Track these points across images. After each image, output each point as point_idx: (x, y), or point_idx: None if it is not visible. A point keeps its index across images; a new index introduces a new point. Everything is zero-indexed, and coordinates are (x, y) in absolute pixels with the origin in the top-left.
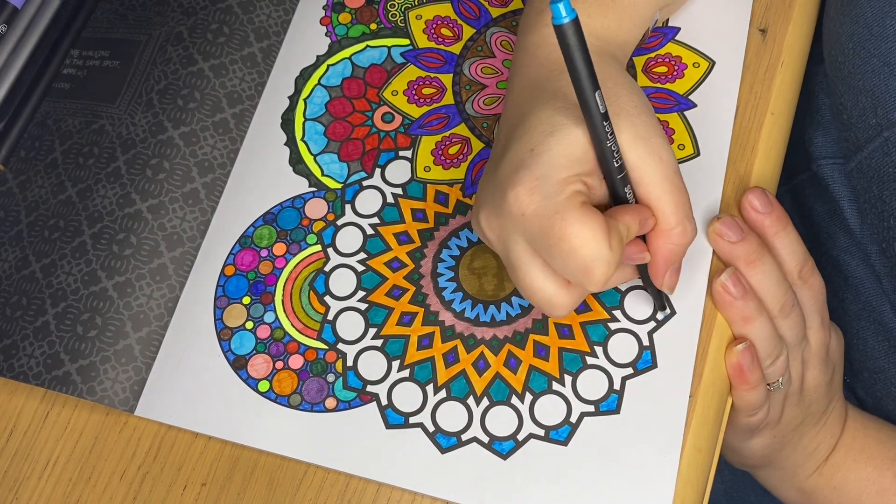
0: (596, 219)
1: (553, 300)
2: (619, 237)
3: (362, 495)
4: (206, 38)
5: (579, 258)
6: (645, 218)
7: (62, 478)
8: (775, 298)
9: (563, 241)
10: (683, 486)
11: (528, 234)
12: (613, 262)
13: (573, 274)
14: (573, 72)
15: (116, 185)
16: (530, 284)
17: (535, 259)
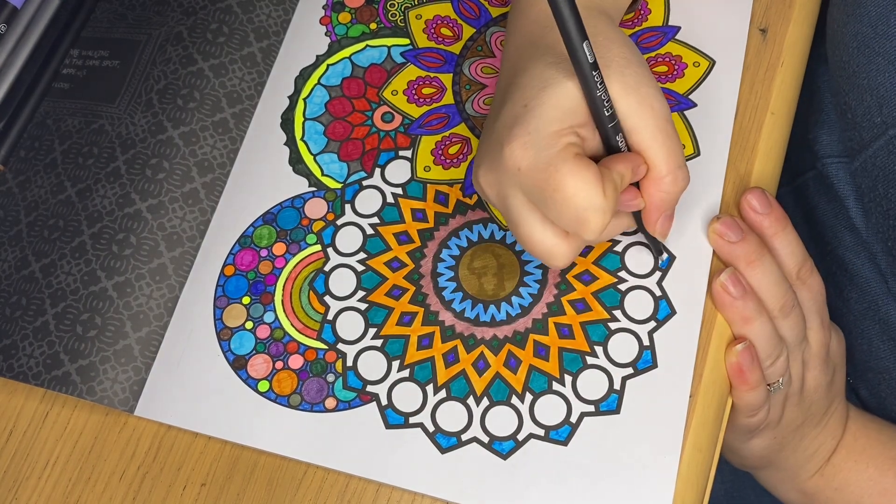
0: (589, 169)
1: (553, 250)
2: (612, 185)
3: (362, 495)
4: (205, 38)
5: (574, 208)
6: (637, 165)
7: (62, 478)
8: (775, 298)
9: (558, 192)
10: (683, 486)
11: (524, 188)
12: (608, 210)
13: (569, 224)
14: (561, 23)
15: (116, 185)
16: (530, 237)
17: (533, 212)
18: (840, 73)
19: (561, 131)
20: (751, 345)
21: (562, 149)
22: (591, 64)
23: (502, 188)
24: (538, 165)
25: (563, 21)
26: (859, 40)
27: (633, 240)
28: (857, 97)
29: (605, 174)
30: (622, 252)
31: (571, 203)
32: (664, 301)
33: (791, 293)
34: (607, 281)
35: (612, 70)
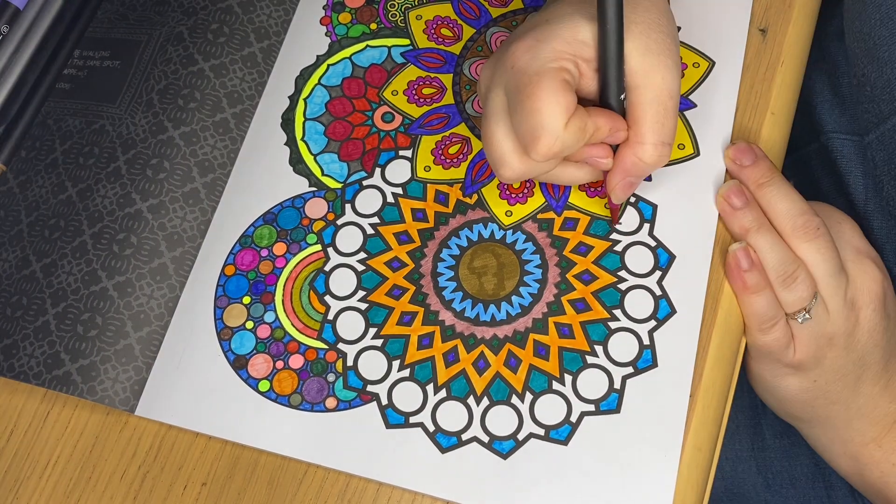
0: (566, 97)
1: (506, 158)
2: (581, 125)
3: (362, 495)
4: (206, 38)
5: (533, 121)
6: (618, 128)
7: (62, 478)
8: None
9: (528, 100)
10: (683, 485)
11: (508, 86)
12: (561, 140)
13: (525, 135)
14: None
15: (117, 185)
16: (492, 136)
17: (505, 115)
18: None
19: (565, 52)
20: (748, 247)
21: (556, 67)
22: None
23: (492, 82)
24: (528, 69)
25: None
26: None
27: (633, 240)
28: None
29: (579, 113)
30: (622, 252)
31: (534, 115)
32: (664, 300)
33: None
34: (607, 280)
35: (640, 29)
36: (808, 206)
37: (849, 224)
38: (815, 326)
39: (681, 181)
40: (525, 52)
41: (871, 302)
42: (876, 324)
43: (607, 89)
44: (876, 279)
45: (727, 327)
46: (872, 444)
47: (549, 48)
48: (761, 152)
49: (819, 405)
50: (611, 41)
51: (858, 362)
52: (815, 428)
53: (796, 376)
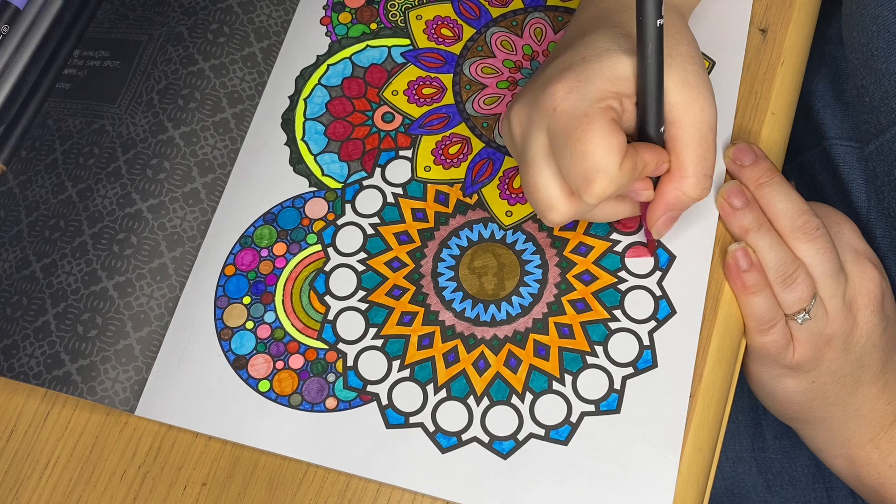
0: (618, 136)
1: (553, 203)
2: (632, 163)
3: (362, 495)
4: (206, 38)
5: (588, 164)
6: (662, 161)
7: (62, 478)
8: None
9: (580, 143)
10: (683, 485)
11: (551, 129)
12: (616, 182)
13: (577, 178)
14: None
15: (117, 185)
16: (536, 182)
17: (549, 158)
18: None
19: (608, 92)
20: (747, 247)
21: (602, 107)
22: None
23: (531, 125)
24: (575, 111)
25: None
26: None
27: (633, 240)
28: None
29: (629, 152)
30: (622, 252)
31: (588, 158)
32: (664, 301)
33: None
34: (607, 281)
35: (675, 62)
36: (807, 207)
37: (848, 225)
38: (814, 327)
39: None
40: (568, 92)
41: (869, 303)
42: (874, 325)
43: (647, 123)
44: (875, 280)
45: (727, 327)
46: (869, 445)
47: (595, 88)
48: (761, 152)
49: (817, 406)
50: (651, 75)
51: (856, 363)
52: (813, 429)
53: (795, 377)
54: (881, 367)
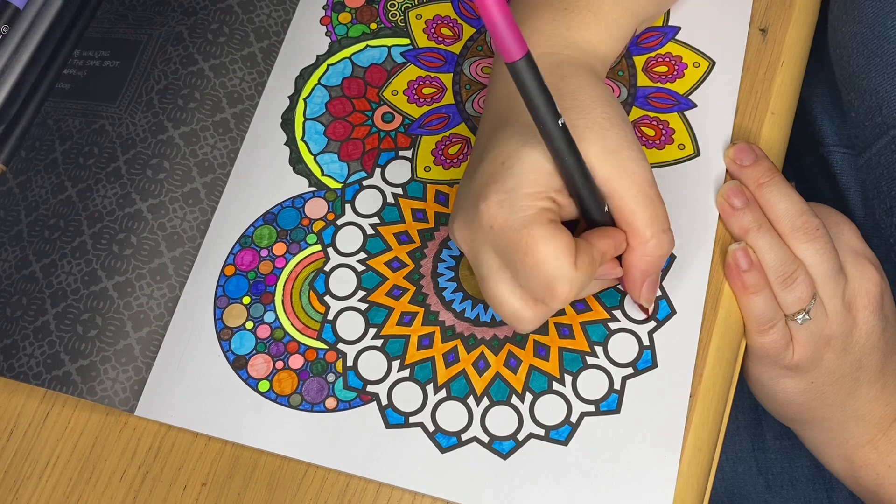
0: (562, 237)
1: (519, 314)
2: (588, 257)
3: (362, 495)
4: (206, 38)
5: (542, 275)
6: (619, 244)
7: (62, 478)
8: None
9: (528, 256)
10: (683, 486)
11: (496, 247)
12: (578, 282)
13: (537, 290)
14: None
15: (116, 185)
16: (498, 297)
17: (503, 272)
18: (841, 72)
19: (537, 194)
20: (747, 247)
21: (537, 212)
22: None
23: (475, 244)
24: (512, 226)
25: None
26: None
27: None
28: (858, 96)
29: (583, 248)
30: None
31: (541, 269)
32: (664, 301)
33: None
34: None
35: (593, 132)
36: (807, 207)
37: (848, 226)
38: (814, 327)
39: (681, 181)
40: (498, 207)
41: (868, 304)
42: (873, 326)
43: (588, 209)
44: (874, 281)
45: (727, 328)
46: (868, 446)
47: (522, 195)
48: (762, 152)
49: (815, 407)
50: (572, 170)
51: (855, 364)
52: (811, 429)
53: (794, 378)
54: (880, 368)
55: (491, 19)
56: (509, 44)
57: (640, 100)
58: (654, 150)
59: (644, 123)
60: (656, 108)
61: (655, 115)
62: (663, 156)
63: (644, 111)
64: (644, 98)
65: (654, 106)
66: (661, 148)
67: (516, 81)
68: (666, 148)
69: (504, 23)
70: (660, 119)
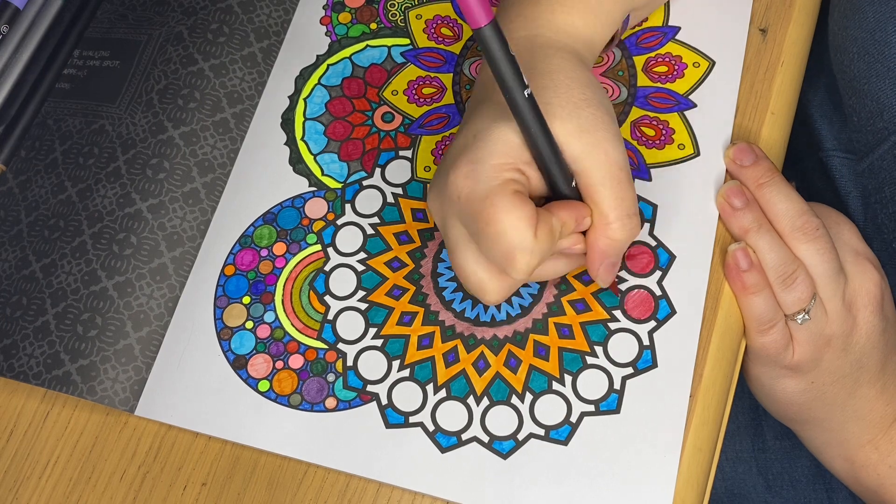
0: (524, 207)
1: (484, 285)
2: (548, 229)
3: (362, 495)
4: (206, 38)
5: (503, 244)
6: (582, 215)
7: (62, 478)
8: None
9: (490, 226)
10: (683, 486)
11: (462, 217)
12: (537, 252)
13: (498, 259)
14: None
15: (116, 185)
16: (464, 268)
17: (469, 243)
18: (842, 77)
19: (504, 165)
20: (747, 247)
21: (501, 182)
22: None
23: (445, 215)
24: (476, 196)
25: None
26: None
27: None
28: (859, 101)
29: (543, 217)
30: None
31: (501, 239)
32: (664, 301)
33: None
34: None
35: (566, 111)
36: (807, 207)
37: (848, 226)
38: (814, 327)
39: (681, 181)
40: (465, 178)
41: (869, 304)
42: (874, 326)
43: (556, 184)
44: (874, 281)
45: (727, 327)
46: (868, 446)
47: (489, 166)
48: (762, 152)
49: (815, 407)
50: (539, 141)
51: (856, 364)
52: (811, 430)
53: (794, 378)
54: (880, 368)
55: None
56: (475, 9)
57: (640, 100)
58: (654, 150)
59: (644, 123)
60: (656, 108)
61: (655, 115)
62: (663, 156)
63: (644, 111)
64: (644, 98)
65: (654, 106)
66: (661, 148)
67: (482, 48)
68: (666, 148)
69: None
70: (660, 119)
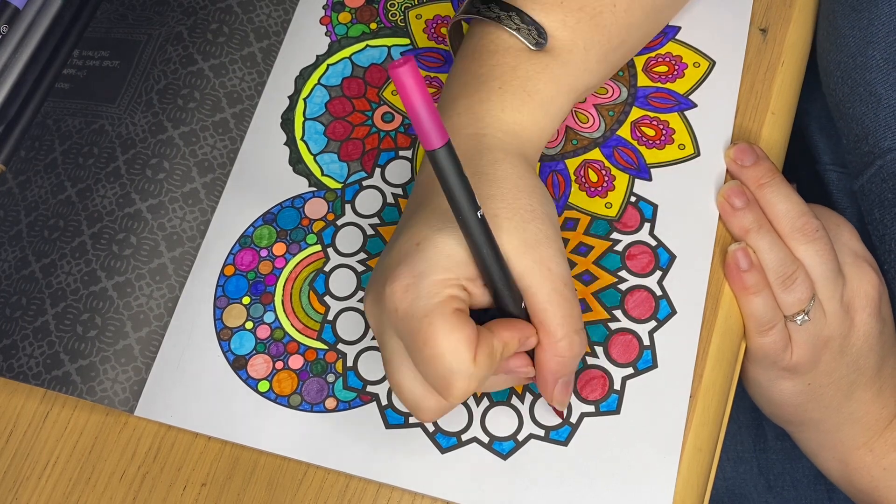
0: (464, 329)
1: (420, 403)
2: (489, 352)
3: (362, 495)
4: (205, 38)
5: (440, 367)
6: (526, 336)
7: (62, 478)
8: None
9: (427, 347)
10: (683, 486)
11: (398, 332)
12: (475, 378)
13: (433, 382)
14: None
15: (116, 185)
16: (399, 382)
17: (406, 358)
18: (830, 99)
19: (447, 281)
20: (748, 247)
21: (442, 300)
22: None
23: (381, 326)
24: (415, 313)
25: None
26: (842, 70)
27: (633, 239)
28: (846, 125)
29: (484, 339)
30: (622, 252)
31: (438, 362)
32: (665, 301)
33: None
34: (607, 281)
35: (513, 224)
36: (807, 208)
37: (847, 228)
38: (813, 328)
39: (681, 181)
40: (404, 292)
41: (866, 306)
42: (871, 328)
43: (504, 303)
44: (872, 283)
45: (727, 328)
46: (863, 449)
47: (430, 282)
48: (762, 153)
49: (811, 408)
50: (490, 263)
51: (852, 366)
52: (807, 431)
53: (791, 379)
54: (876, 371)
55: (412, 107)
56: (430, 132)
57: (640, 100)
58: (655, 150)
59: (644, 123)
60: (656, 108)
61: (655, 115)
62: (663, 156)
63: (644, 111)
64: (644, 98)
65: (654, 106)
66: (661, 148)
67: (436, 170)
68: (666, 148)
69: (425, 111)
70: (660, 119)
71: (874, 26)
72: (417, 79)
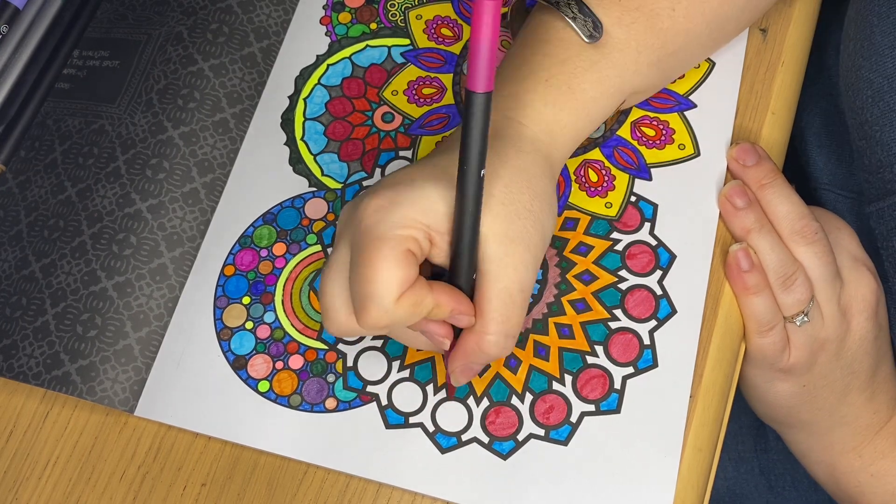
0: (404, 270)
1: (332, 314)
2: (415, 301)
3: (362, 495)
4: (205, 38)
5: (366, 288)
6: (461, 312)
7: (62, 478)
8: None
9: (364, 266)
10: (684, 486)
11: (353, 243)
12: (389, 315)
13: (355, 299)
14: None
15: (116, 185)
16: (327, 287)
17: (343, 271)
18: (853, 116)
19: (416, 221)
20: (748, 248)
21: (401, 235)
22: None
23: (341, 232)
24: (372, 232)
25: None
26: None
27: (633, 238)
28: (869, 147)
29: (417, 288)
30: (622, 251)
31: (367, 283)
32: (665, 300)
33: (814, 223)
34: (607, 280)
35: (506, 211)
36: (808, 211)
37: (847, 231)
38: (811, 330)
39: (681, 181)
40: (375, 211)
41: (864, 309)
42: (867, 331)
43: (458, 270)
44: (870, 287)
45: (728, 327)
46: (852, 453)
47: (400, 214)
48: (764, 153)
49: (804, 410)
50: (467, 224)
51: (847, 369)
52: (798, 433)
53: (787, 381)
54: (870, 376)
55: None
56: (480, 72)
57: None
58: (655, 150)
59: (644, 123)
60: (656, 108)
61: (655, 115)
62: (663, 156)
63: (644, 111)
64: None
65: (654, 106)
66: (661, 148)
67: (466, 112)
68: (666, 148)
69: (487, 53)
70: (660, 119)
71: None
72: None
